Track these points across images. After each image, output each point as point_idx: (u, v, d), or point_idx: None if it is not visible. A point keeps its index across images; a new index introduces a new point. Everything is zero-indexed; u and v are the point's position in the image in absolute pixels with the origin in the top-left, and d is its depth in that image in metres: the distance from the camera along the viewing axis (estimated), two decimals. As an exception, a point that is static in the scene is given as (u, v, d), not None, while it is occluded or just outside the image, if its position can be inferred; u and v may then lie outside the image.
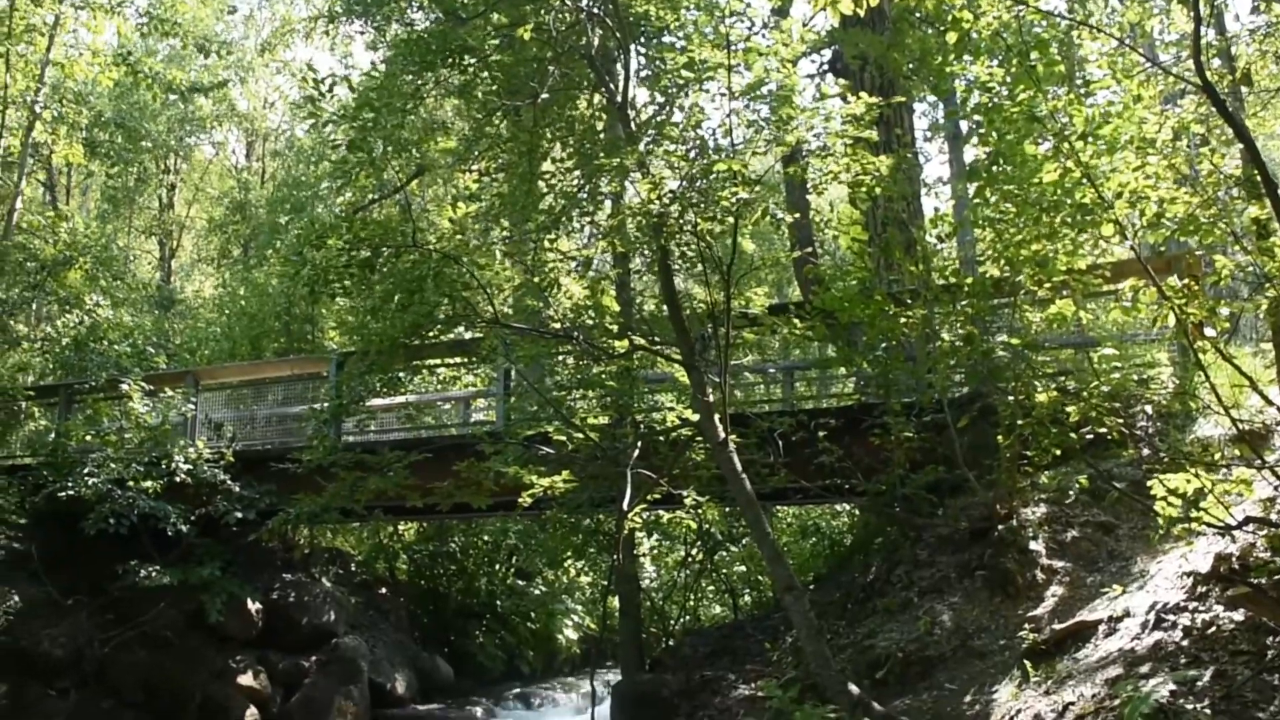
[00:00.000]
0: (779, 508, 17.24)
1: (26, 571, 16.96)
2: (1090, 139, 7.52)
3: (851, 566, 12.63)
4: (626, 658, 12.10)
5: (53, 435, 17.63)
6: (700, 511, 11.43)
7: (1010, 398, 9.03)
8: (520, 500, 11.21)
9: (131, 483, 15.89)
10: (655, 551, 20.86)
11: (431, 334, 10.70)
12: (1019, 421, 8.86)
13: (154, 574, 16.03)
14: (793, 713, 5.53)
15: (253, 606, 18.46)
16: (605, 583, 14.92)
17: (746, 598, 17.14)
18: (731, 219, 8.31)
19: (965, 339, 8.83)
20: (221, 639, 17.98)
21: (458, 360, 16.43)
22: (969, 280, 9.07)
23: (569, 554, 17.32)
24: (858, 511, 15.68)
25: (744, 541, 16.36)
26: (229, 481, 16.23)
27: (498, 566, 25.86)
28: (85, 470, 16.08)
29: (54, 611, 16.63)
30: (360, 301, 13.07)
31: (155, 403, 17.25)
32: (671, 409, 10.96)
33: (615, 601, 14.82)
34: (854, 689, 5.94)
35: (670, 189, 8.36)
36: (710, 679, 11.07)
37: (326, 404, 14.50)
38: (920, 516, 10.97)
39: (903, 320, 9.23)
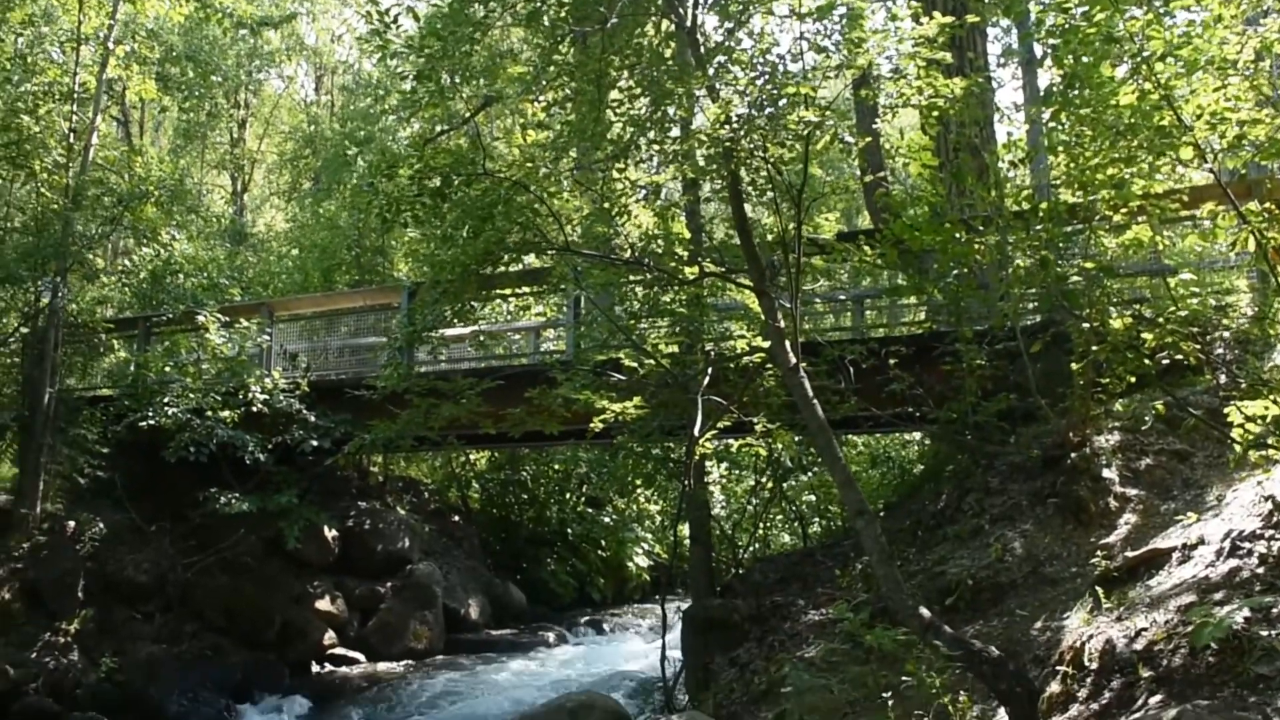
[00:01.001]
0: (849, 436, 17.21)
1: (111, 499, 17.42)
2: (1169, 60, 7.34)
3: (921, 495, 12.60)
4: (696, 583, 12.19)
5: (132, 367, 17.97)
6: (771, 438, 11.44)
7: (1085, 324, 8.91)
8: (591, 426, 11.29)
9: (210, 412, 16.21)
10: (725, 481, 20.93)
11: (502, 261, 10.74)
12: (1093, 348, 8.76)
13: (233, 501, 16.40)
14: (863, 635, 5.57)
15: (329, 533, 18.83)
16: (675, 510, 14.99)
17: (815, 526, 17.16)
18: (801, 144, 8.24)
19: (1040, 263, 8.71)
20: (299, 565, 18.41)
21: (528, 290, 16.49)
22: (1043, 206, 8.93)
23: (639, 481, 17.40)
24: (928, 440, 15.61)
25: (813, 471, 16.36)
26: (304, 411, 16.50)
27: (568, 495, 26.11)
28: (164, 400, 16.41)
29: (138, 538, 17.09)
30: (431, 230, 13.15)
31: (231, 334, 17.53)
32: (742, 336, 10.95)
33: (685, 529, 14.91)
34: (925, 612, 5.96)
35: (739, 114, 8.29)
36: (780, 604, 11.13)
37: (399, 332, 14.67)
38: (992, 444, 10.90)
39: (975, 247, 9.12)
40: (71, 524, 16.58)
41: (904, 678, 5.79)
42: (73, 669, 15.01)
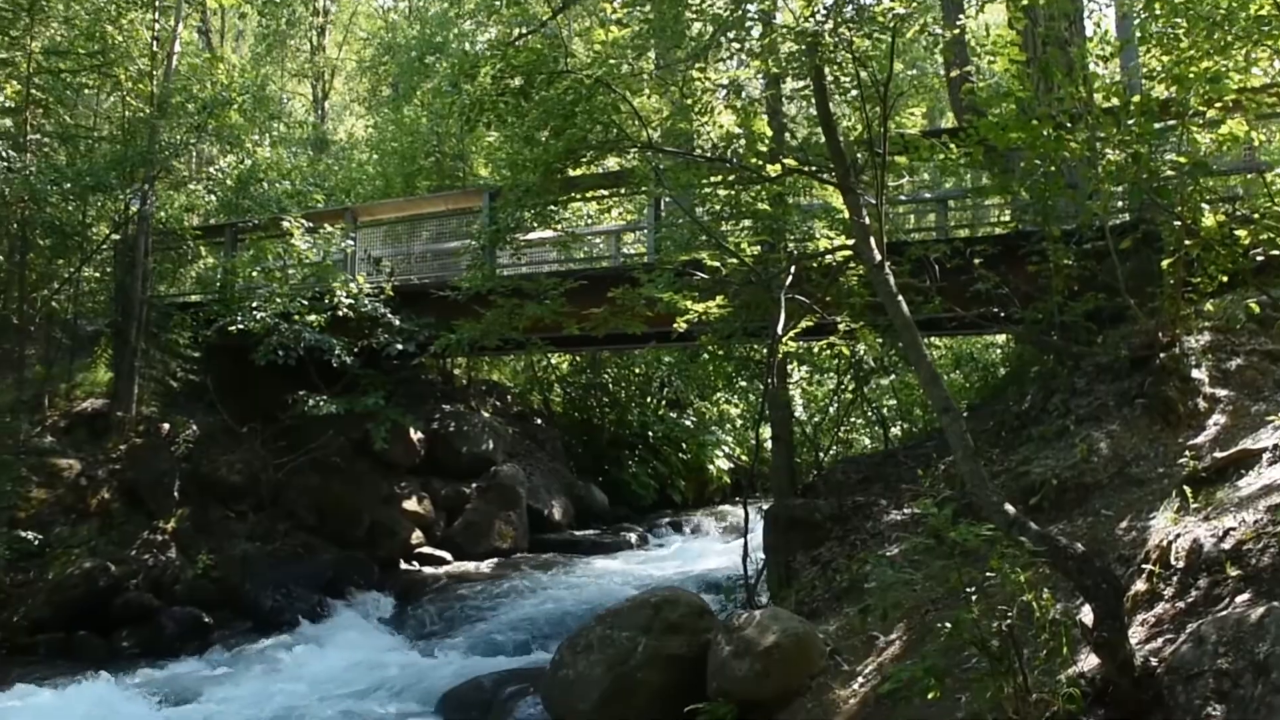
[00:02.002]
0: (933, 339, 17.09)
1: (203, 402, 17.86)
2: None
3: (1005, 396, 12.50)
4: (778, 483, 12.25)
5: (220, 273, 18.27)
6: (854, 338, 11.39)
7: (1176, 221, 8.73)
8: (674, 326, 11.31)
9: (297, 316, 16.48)
10: (806, 385, 20.91)
11: (584, 161, 10.73)
12: (1185, 244, 8.58)
13: (321, 403, 16.72)
14: (947, 532, 5.58)
15: (415, 435, 19.15)
16: (756, 412, 15.02)
17: (896, 430, 17.13)
18: (888, 36, 8.09)
19: (1131, 159, 8.52)
20: (387, 466, 18.78)
21: (608, 193, 16.47)
22: (1134, 101, 8.71)
23: (720, 383, 17.44)
24: (1012, 342, 15.46)
25: (895, 374, 16.28)
26: (389, 315, 16.70)
27: (649, 398, 26.27)
28: (252, 305, 16.70)
29: (230, 439, 17.52)
30: (512, 131, 13.15)
31: (316, 240, 17.73)
32: (825, 236, 10.87)
33: (766, 431, 14.95)
34: (1009, 508, 5.95)
35: (825, 6, 8.16)
36: (862, 504, 11.17)
37: (482, 233, 14.76)
38: (1078, 345, 10.76)
39: (1063, 144, 8.94)
40: (166, 426, 17.03)
41: (988, 574, 5.80)
42: (171, 565, 15.52)
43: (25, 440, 15.85)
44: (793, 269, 10.66)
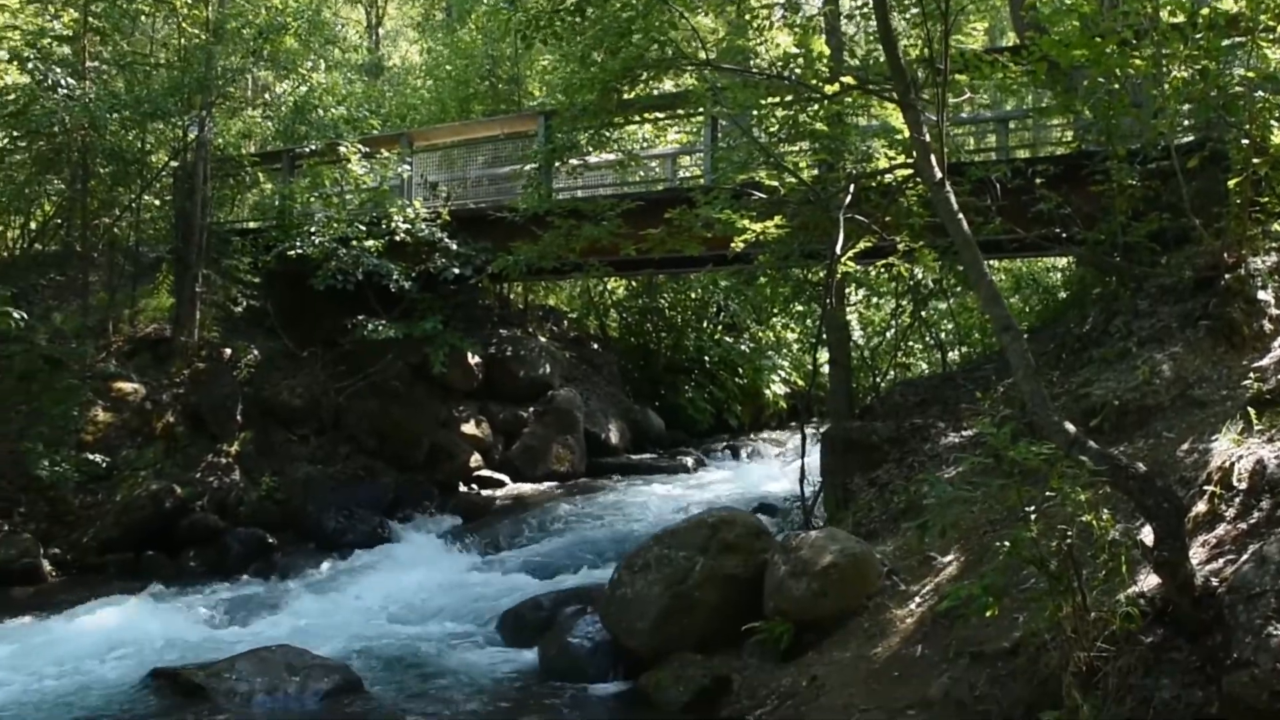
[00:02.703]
0: (993, 262, 16.90)
1: (264, 328, 18.07)
2: None
3: (1066, 319, 12.36)
4: (836, 405, 12.22)
5: (278, 199, 18.38)
6: (913, 259, 11.29)
7: (1244, 139, 8.53)
8: (731, 247, 11.27)
9: (354, 242, 16.58)
10: (862, 310, 20.79)
11: (641, 80, 10.64)
12: (1253, 162, 8.40)
13: (380, 328, 16.85)
14: (1007, 451, 5.55)
15: (473, 360, 19.28)
16: (814, 334, 14.96)
17: (954, 354, 17.02)
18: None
19: (1198, 75, 8.33)
20: (445, 390, 18.96)
21: (664, 114, 16.34)
22: (1202, 14, 8.49)
23: (777, 307, 17.36)
24: (1073, 264, 15.26)
25: (953, 297, 16.14)
26: (446, 239, 16.76)
27: (706, 323, 26.25)
28: (310, 231, 16.82)
29: (291, 364, 17.73)
30: (569, 49, 13.07)
31: (372, 165, 17.77)
32: (885, 155, 10.74)
33: (823, 355, 14.90)
34: (1070, 427, 5.90)
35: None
36: (920, 426, 11.13)
37: (538, 152, 14.73)
38: (1141, 266, 10.60)
39: (1128, 61, 8.74)
40: (228, 351, 17.26)
41: (1047, 494, 5.78)
42: (235, 488, 15.81)
43: (91, 365, 16.13)
44: (851, 188, 10.56)
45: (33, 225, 19.37)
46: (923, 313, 16.10)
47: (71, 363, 15.66)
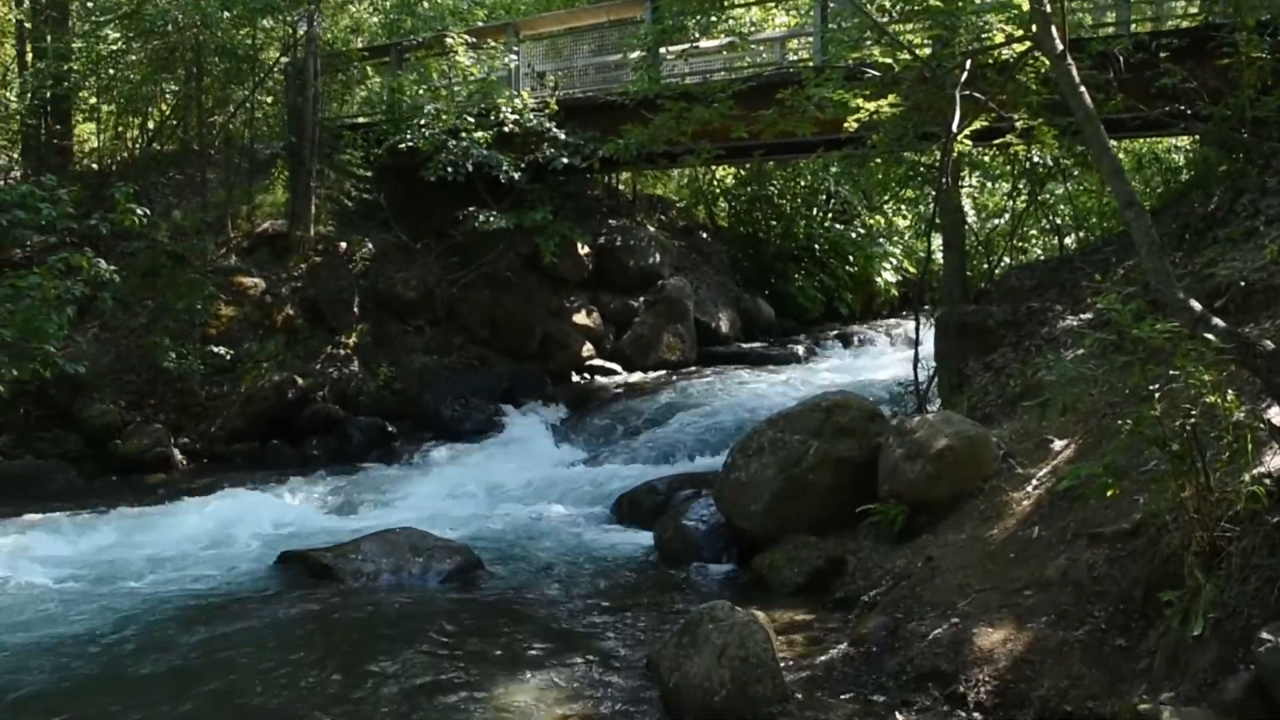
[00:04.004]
0: (1113, 142, 16.37)
1: (377, 221, 18.29)
2: None
3: (1190, 199, 11.99)
4: (950, 290, 12.03)
5: (387, 92, 18.46)
6: (1031, 138, 11.00)
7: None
8: (845, 126, 11.09)
9: (463, 133, 16.61)
10: (977, 194, 20.37)
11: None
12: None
13: (490, 219, 16.96)
14: (1130, 328, 5.43)
15: (583, 250, 19.32)
16: (927, 221, 14.70)
17: (1071, 240, 16.65)
18: None
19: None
20: (556, 280, 19.06)
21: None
22: None
23: (889, 193, 17.07)
24: (1197, 143, 14.76)
25: (1071, 180, 15.73)
26: (554, 129, 16.72)
27: (815, 210, 25.93)
28: (420, 123, 16.91)
29: (404, 256, 17.95)
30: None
31: (479, 56, 17.75)
32: (1002, 30, 10.40)
33: (937, 241, 14.66)
34: (1195, 305, 5.76)
35: None
36: (1036, 310, 10.94)
37: (648, 32, 14.57)
38: (1270, 142, 10.21)
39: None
40: (343, 245, 17.51)
41: (1171, 373, 5.66)
42: (354, 378, 16.16)
43: (212, 260, 16.52)
44: (967, 65, 10.28)
45: (150, 125, 19.73)
46: (1039, 196, 15.73)
47: (193, 258, 16.06)
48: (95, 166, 19.45)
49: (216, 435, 14.87)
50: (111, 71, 18.51)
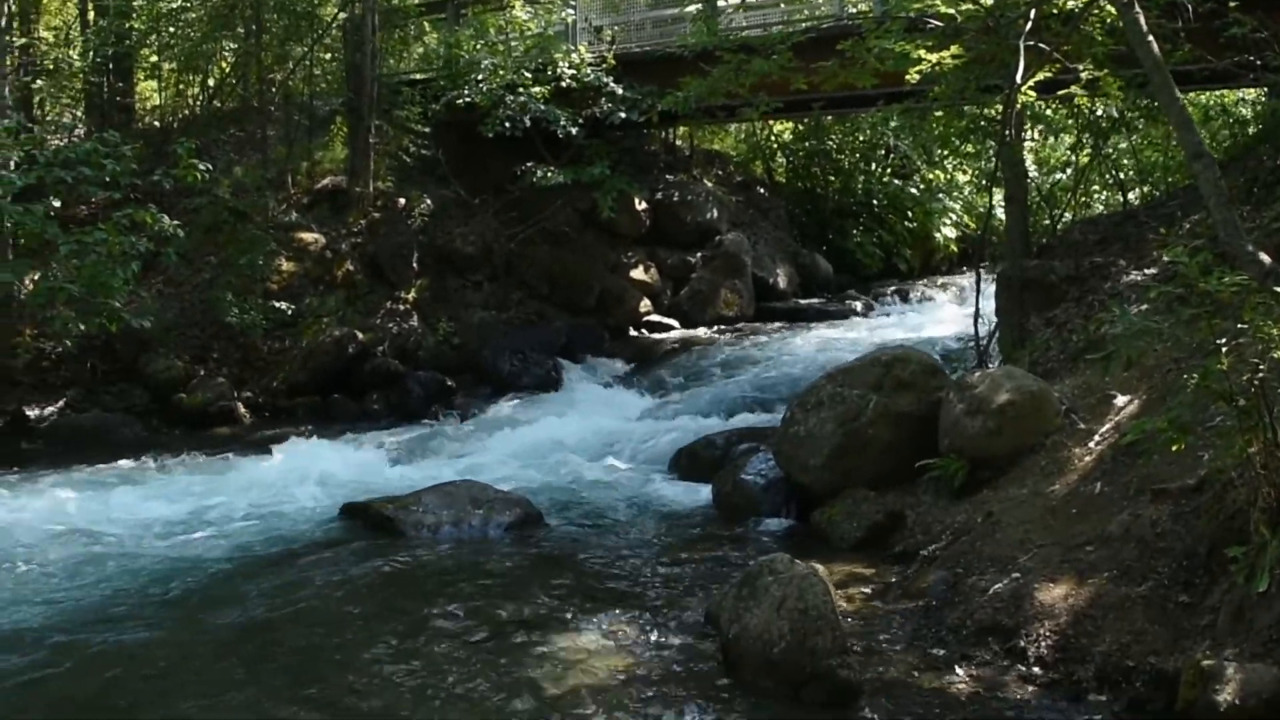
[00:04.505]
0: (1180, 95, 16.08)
1: (435, 176, 18.36)
2: None
3: (1258, 153, 11.77)
4: (1012, 244, 11.88)
5: (444, 48, 18.46)
6: (1096, 89, 10.81)
7: None
8: (906, 78, 10.96)
9: (521, 89, 16.62)
10: (1039, 149, 20.09)
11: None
12: None
13: (548, 174, 16.97)
14: (1198, 280, 5.35)
15: (641, 205, 19.30)
16: (989, 175, 14.48)
17: (1134, 195, 16.42)
18: None
19: None
20: (614, 236, 19.07)
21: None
22: None
23: (951, 145, 16.84)
24: (1266, 95, 14.48)
25: (1136, 134, 15.52)
26: (611, 84, 16.69)
27: (874, 165, 25.70)
28: (478, 79, 16.92)
29: (463, 211, 18.02)
30: None
31: (536, 11, 17.72)
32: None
33: (998, 196, 14.49)
34: (1264, 257, 5.67)
35: None
36: (1100, 265, 10.80)
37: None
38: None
39: None
40: (402, 200, 17.61)
41: (1239, 326, 5.58)
42: (413, 333, 16.28)
43: (272, 216, 16.66)
44: (1032, 15, 10.12)
45: (211, 82, 19.88)
46: (1103, 150, 15.51)
47: (254, 214, 16.20)
48: (157, 124, 19.67)
49: (278, 389, 15.05)
50: (172, 29, 18.67)
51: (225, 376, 14.91)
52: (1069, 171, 16.73)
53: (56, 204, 13.64)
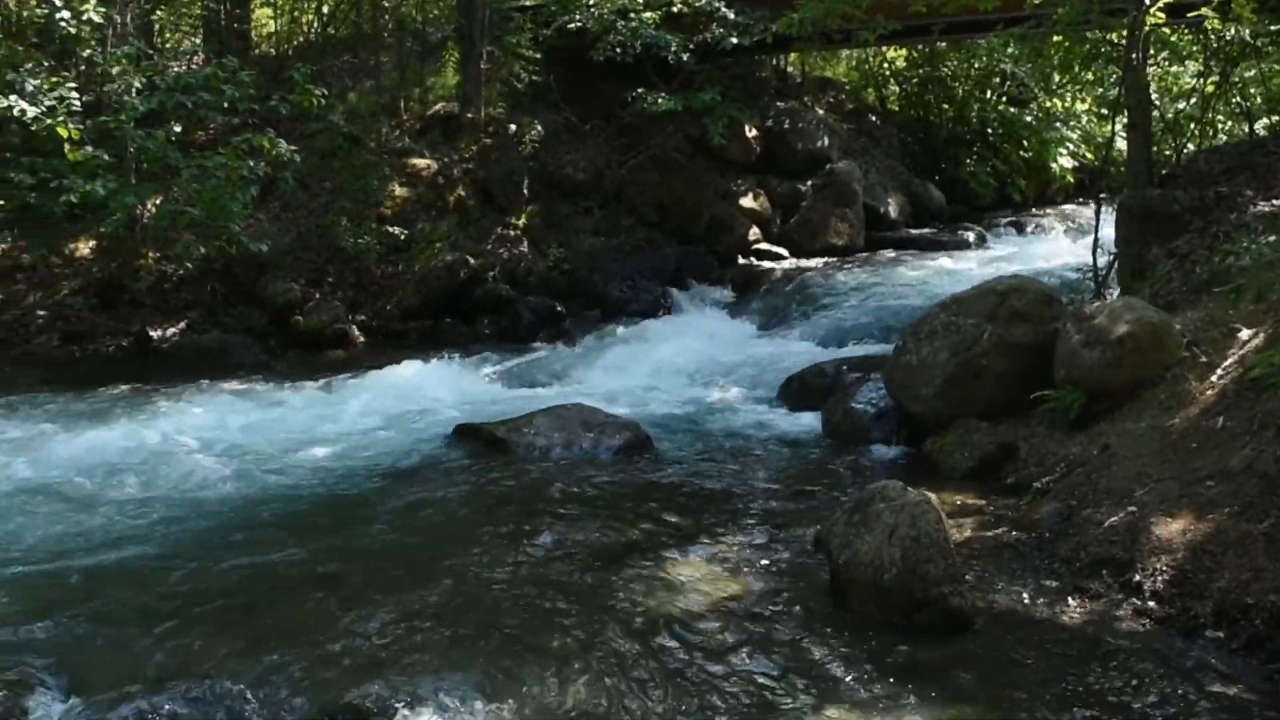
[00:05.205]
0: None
1: (546, 103, 18.37)
2: None
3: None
4: (1134, 173, 11.54)
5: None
6: (1227, 11, 10.44)
7: None
8: (1027, 1, 10.69)
9: (632, 14, 16.53)
10: (1161, 77, 19.47)
11: None
12: None
13: (659, 100, 16.89)
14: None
15: (751, 133, 19.15)
16: (1111, 102, 14.05)
17: (1262, 124, 15.85)
18: None
19: None
20: (724, 163, 18.95)
21: None
22: None
23: (1071, 71, 16.37)
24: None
25: (1265, 61, 14.92)
26: (722, 8, 16.52)
27: (990, 93, 25.14)
28: (589, 4, 16.85)
29: (573, 138, 18.03)
30: None
31: (649, -67, 17.54)
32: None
33: (1119, 125, 14.10)
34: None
35: None
36: (1225, 195, 10.48)
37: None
38: None
39: None
40: (513, 127, 17.65)
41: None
42: (524, 259, 16.39)
43: (386, 142, 16.82)
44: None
45: (325, 9, 20.05)
46: (1231, 77, 14.99)
47: (368, 140, 16.38)
48: (273, 51, 19.93)
49: (392, 313, 15.28)
50: (288, -44, 18.86)
51: (340, 300, 15.15)
52: (1193, 100, 16.16)
53: (177, 129, 14.00)
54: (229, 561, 6.91)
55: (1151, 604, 5.73)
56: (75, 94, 12.66)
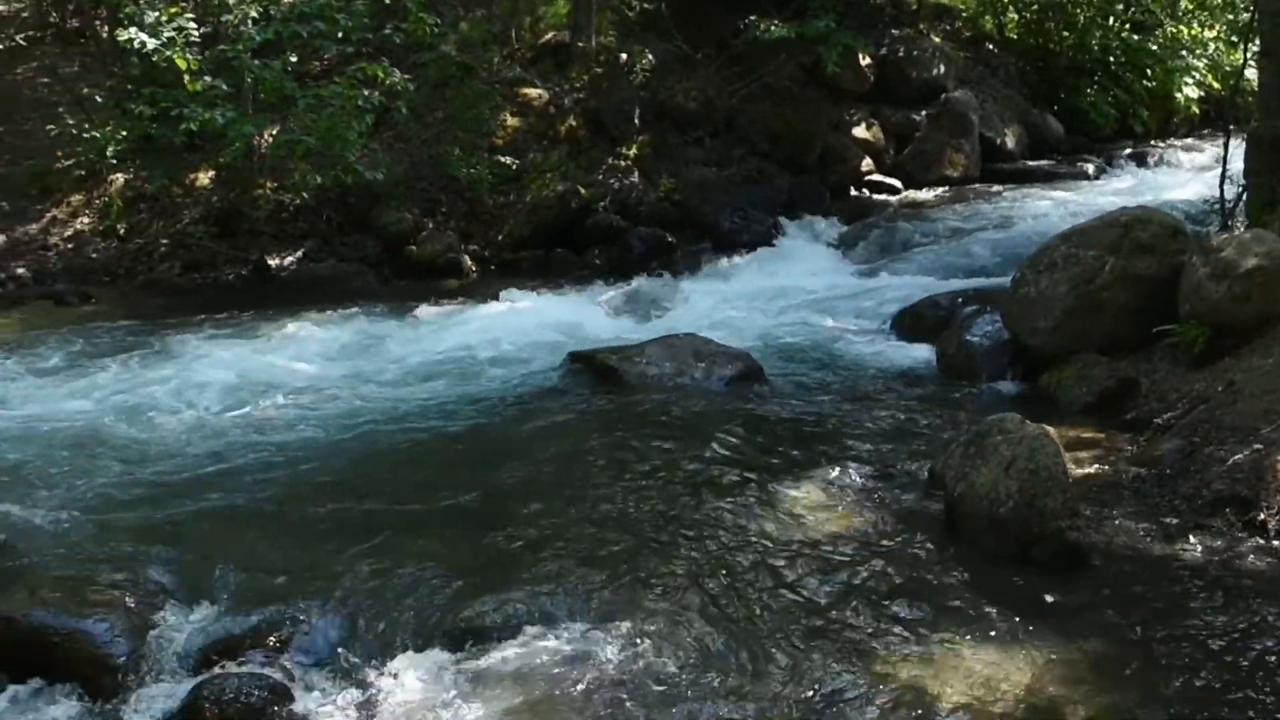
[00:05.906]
0: None
1: (657, 31, 18.21)
2: None
3: None
4: (1266, 102, 11.09)
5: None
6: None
7: None
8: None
9: (746, -62, 16.34)
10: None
11: None
12: None
13: (772, 28, 16.67)
14: None
15: (865, 61, 18.81)
16: (1239, 32, 13.56)
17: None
18: None
19: None
20: (837, 92, 18.63)
21: None
22: None
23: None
24: None
25: None
26: (838, -69, 16.26)
27: (1112, 20, 24.37)
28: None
29: (684, 67, 17.86)
30: None
31: None
32: None
33: (1251, 52, 13.61)
34: None
35: None
36: (1364, 124, 10.12)
37: None
38: None
39: None
40: (624, 56, 17.55)
41: None
42: (634, 189, 16.35)
43: (497, 72, 16.86)
44: None
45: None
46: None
47: (480, 69, 16.43)
48: (387, -21, 19.98)
49: (503, 243, 15.37)
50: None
51: (453, 229, 15.29)
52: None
53: (293, 59, 14.20)
54: (350, 483, 7.10)
55: (1276, 543, 5.64)
56: (193, 25, 12.90)
